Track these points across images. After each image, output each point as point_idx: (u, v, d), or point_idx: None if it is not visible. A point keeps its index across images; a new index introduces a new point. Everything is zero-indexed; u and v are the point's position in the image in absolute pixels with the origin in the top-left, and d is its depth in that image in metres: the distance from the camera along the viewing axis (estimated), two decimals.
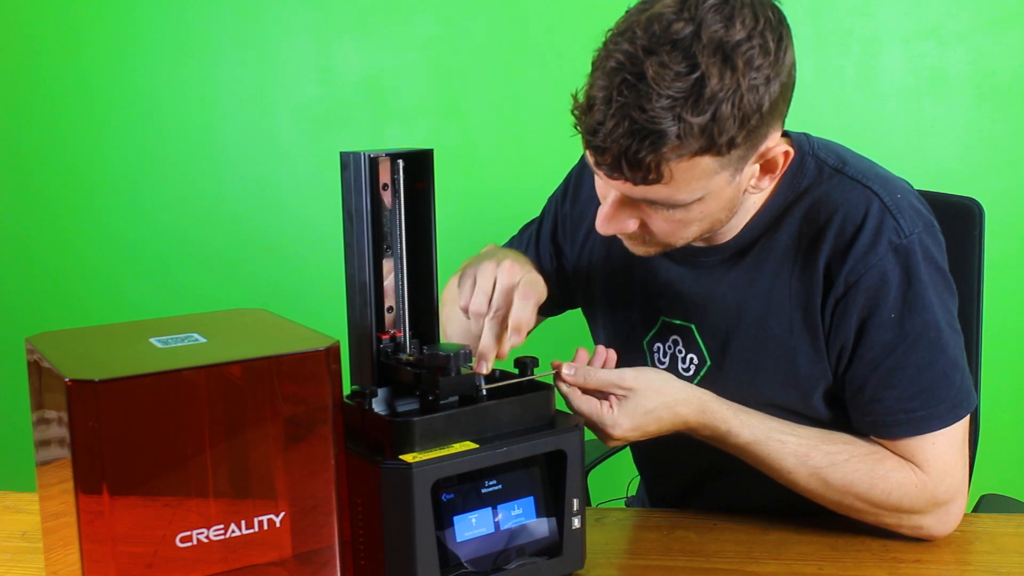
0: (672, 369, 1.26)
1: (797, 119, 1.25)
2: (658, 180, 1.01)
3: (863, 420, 1.14)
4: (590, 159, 1.05)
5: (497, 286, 1.07)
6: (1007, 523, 1.20)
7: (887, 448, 1.13)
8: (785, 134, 1.22)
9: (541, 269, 1.39)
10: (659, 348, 1.28)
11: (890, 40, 2.06)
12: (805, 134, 1.21)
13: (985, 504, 1.39)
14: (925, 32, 2.05)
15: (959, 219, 1.38)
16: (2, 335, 2.53)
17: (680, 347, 1.25)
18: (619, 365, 1.14)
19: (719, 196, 1.08)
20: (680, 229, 1.11)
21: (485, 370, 1.04)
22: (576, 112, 1.02)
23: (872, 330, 1.12)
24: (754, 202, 1.18)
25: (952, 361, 1.12)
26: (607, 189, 1.08)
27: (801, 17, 2.06)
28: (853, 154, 1.21)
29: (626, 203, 1.08)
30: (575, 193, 1.39)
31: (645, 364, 1.28)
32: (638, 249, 1.17)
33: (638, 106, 0.96)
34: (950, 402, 1.11)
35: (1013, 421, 2.13)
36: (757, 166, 1.09)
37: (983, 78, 2.05)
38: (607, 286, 1.34)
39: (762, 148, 1.06)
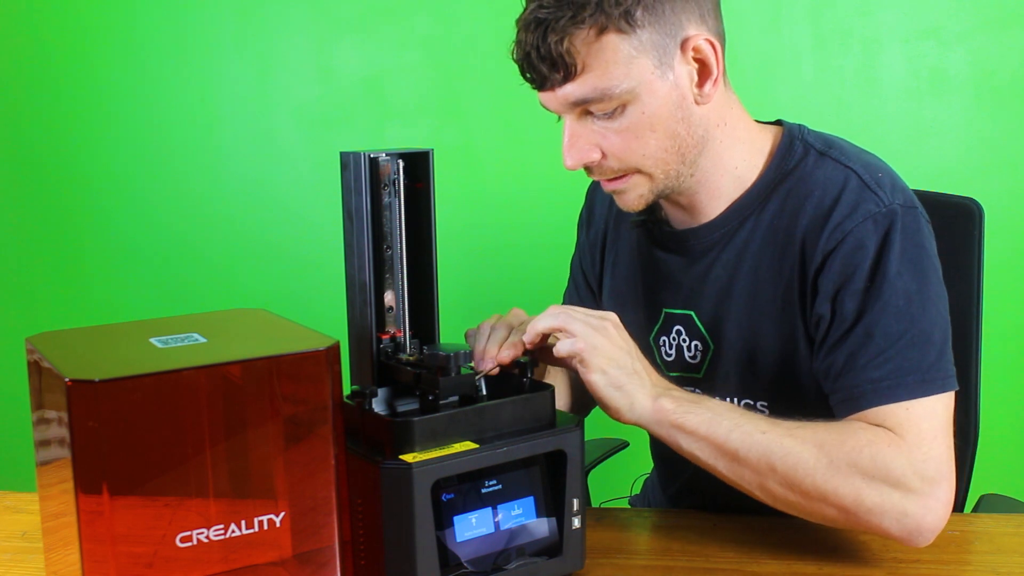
0: (679, 359, 1.26)
1: (798, 119, 1.26)
2: (575, 71, 1.09)
3: (834, 397, 1.11)
4: (532, 87, 1.13)
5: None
6: (1007, 523, 1.20)
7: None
8: (779, 123, 1.24)
9: (580, 302, 1.44)
10: (664, 341, 1.28)
11: (890, 40, 2.07)
12: (800, 124, 1.23)
13: (985, 504, 1.38)
14: (925, 32, 2.05)
15: (959, 219, 1.38)
16: (2, 335, 2.53)
17: (684, 336, 1.26)
18: None
19: (653, 91, 1.10)
20: (635, 142, 1.13)
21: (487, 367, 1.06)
22: (511, 55, 1.13)
23: (846, 300, 1.11)
24: (741, 180, 1.20)
25: (924, 335, 1.09)
26: (563, 125, 1.15)
27: (801, 17, 2.06)
28: (845, 142, 1.22)
29: (578, 128, 1.14)
30: (588, 218, 1.44)
31: (653, 361, 1.29)
32: (626, 199, 1.18)
33: (539, 7, 1.09)
34: (920, 375, 1.07)
35: (1013, 421, 2.14)
36: (694, 69, 1.12)
37: (983, 78, 2.05)
38: (614, 292, 1.36)
39: (681, 37, 1.10)
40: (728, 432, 1.06)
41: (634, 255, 1.32)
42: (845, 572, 1.08)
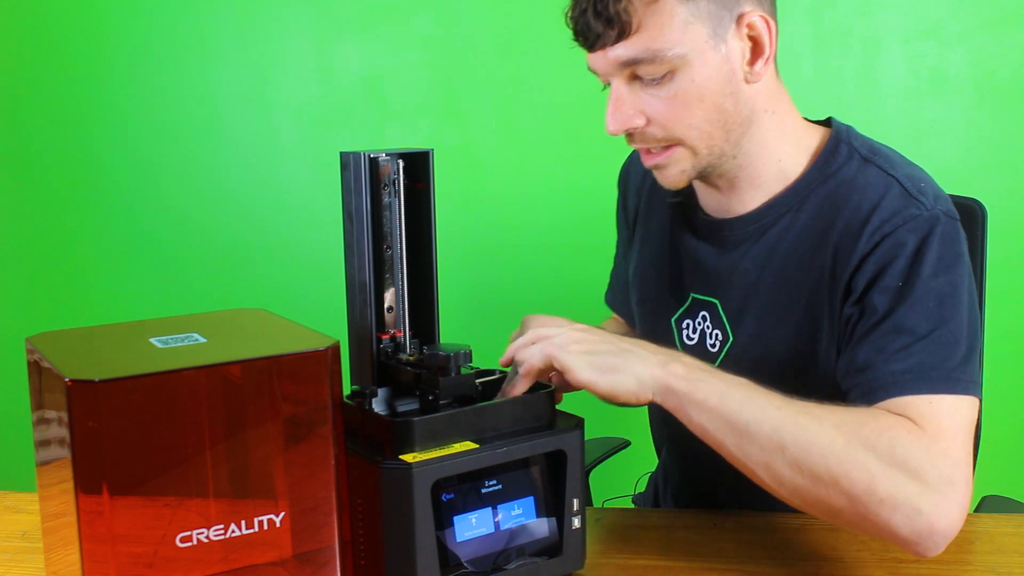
0: (700, 345, 1.26)
1: None
2: (629, 29, 1.09)
3: (854, 392, 1.09)
4: (583, 47, 1.13)
5: None
6: (1007, 523, 1.20)
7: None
8: (828, 123, 1.24)
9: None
10: (688, 324, 1.28)
11: (890, 40, 2.07)
12: (848, 126, 1.23)
13: (985, 504, 1.39)
14: (925, 32, 2.05)
15: (962, 220, 1.38)
16: (2, 335, 2.53)
17: (708, 323, 1.26)
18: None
19: (705, 61, 1.10)
20: (682, 111, 1.12)
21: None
22: (565, 16, 1.13)
23: (875, 296, 1.09)
24: (784, 175, 1.20)
25: (952, 336, 1.07)
26: (610, 89, 1.15)
27: (801, 17, 2.06)
28: (891, 151, 1.21)
29: (624, 93, 1.13)
30: (624, 204, 1.44)
31: (672, 341, 1.30)
32: (667, 174, 1.18)
33: None
34: (944, 372, 1.05)
35: (1013, 421, 2.14)
36: (747, 47, 1.12)
37: (983, 78, 2.05)
38: (639, 269, 1.37)
39: (737, 11, 1.11)
40: (740, 404, 1.01)
41: (665, 235, 1.33)
42: (845, 572, 1.08)
